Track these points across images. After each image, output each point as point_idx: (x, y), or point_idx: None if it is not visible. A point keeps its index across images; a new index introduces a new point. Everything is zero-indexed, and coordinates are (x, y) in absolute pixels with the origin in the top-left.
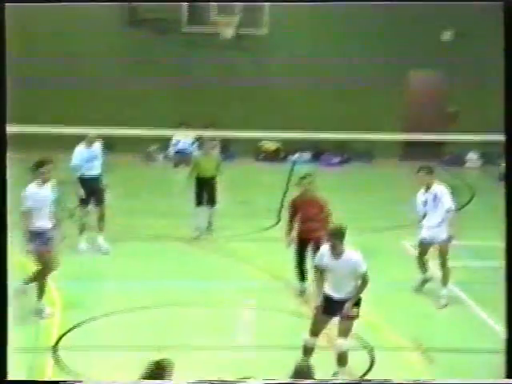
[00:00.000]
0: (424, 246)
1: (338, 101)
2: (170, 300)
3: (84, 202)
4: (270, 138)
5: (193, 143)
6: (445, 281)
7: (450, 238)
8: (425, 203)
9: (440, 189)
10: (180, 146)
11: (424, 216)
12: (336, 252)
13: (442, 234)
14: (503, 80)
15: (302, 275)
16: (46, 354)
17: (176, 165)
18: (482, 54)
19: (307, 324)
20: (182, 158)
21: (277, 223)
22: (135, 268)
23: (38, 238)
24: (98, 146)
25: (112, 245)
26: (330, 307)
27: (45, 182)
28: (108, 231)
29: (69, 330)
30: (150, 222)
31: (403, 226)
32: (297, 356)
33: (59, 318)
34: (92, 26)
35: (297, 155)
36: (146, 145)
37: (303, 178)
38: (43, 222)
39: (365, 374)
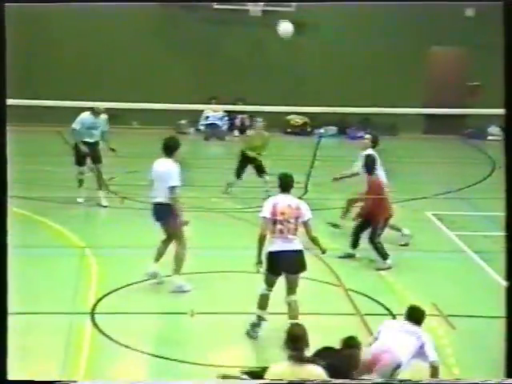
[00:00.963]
0: None
1: (363, 76)
2: (221, 268)
3: (78, 162)
4: (297, 112)
5: (222, 117)
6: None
7: None
8: None
9: None
10: (210, 119)
11: None
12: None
13: None
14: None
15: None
16: (84, 318)
17: (206, 138)
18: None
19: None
20: (212, 131)
21: (304, 194)
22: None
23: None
24: (103, 118)
25: None
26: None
27: None
28: None
29: (105, 296)
30: (193, 194)
31: (427, 197)
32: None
33: (96, 285)
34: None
35: (323, 129)
36: (177, 118)
37: None
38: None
39: None
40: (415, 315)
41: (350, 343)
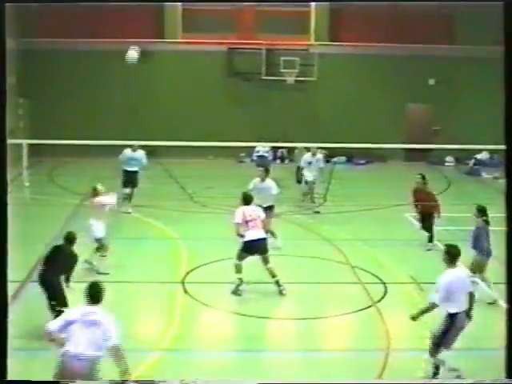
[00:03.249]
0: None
1: (363, 124)
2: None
3: (124, 185)
4: (318, 147)
5: (268, 151)
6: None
7: None
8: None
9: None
10: (260, 152)
11: None
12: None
13: None
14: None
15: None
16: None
17: (257, 166)
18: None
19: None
20: (261, 160)
21: (323, 202)
22: None
23: None
24: (140, 153)
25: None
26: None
27: None
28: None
29: (195, 268)
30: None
31: (405, 204)
32: None
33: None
34: (203, 75)
35: (336, 158)
36: (238, 152)
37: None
38: None
39: (379, 300)
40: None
41: None
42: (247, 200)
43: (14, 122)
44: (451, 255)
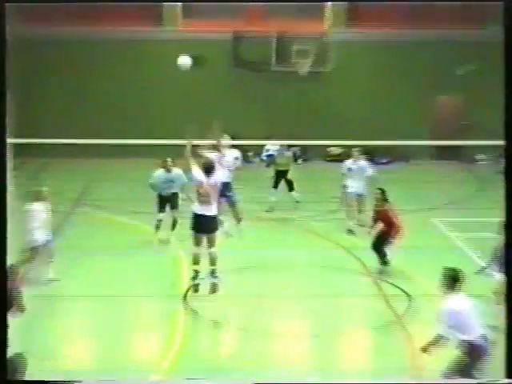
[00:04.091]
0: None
1: (385, 119)
2: (267, 264)
3: (159, 210)
4: (335, 145)
5: (278, 150)
6: None
7: None
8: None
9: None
10: (270, 152)
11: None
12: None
13: None
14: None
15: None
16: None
17: (267, 165)
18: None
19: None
20: (271, 160)
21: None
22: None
23: None
24: (176, 172)
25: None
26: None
27: None
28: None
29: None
30: (254, 207)
31: (432, 208)
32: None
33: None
34: (205, 66)
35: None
36: (246, 151)
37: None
38: None
39: (404, 315)
40: None
41: None
42: (208, 170)
43: None
44: (452, 279)
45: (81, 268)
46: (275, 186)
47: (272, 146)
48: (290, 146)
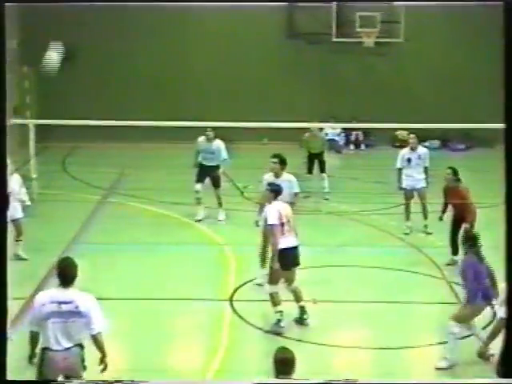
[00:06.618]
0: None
1: (463, 99)
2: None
3: (197, 180)
4: (405, 128)
5: (340, 134)
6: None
7: None
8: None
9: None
10: (329, 136)
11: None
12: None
13: None
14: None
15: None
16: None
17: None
18: None
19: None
20: (331, 145)
21: None
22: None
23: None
24: (217, 144)
25: None
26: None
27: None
28: None
29: (241, 286)
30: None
31: None
32: None
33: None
34: (256, 38)
35: (427, 143)
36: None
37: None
38: None
39: (485, 327)
40: None
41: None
42: (278, 193)
43: (19, 98)
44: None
45: (112, 269)
46: (309, 171)
47: (332, 129)
48: (350, 130)
